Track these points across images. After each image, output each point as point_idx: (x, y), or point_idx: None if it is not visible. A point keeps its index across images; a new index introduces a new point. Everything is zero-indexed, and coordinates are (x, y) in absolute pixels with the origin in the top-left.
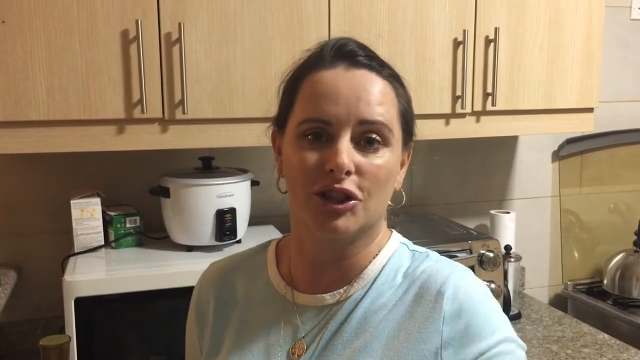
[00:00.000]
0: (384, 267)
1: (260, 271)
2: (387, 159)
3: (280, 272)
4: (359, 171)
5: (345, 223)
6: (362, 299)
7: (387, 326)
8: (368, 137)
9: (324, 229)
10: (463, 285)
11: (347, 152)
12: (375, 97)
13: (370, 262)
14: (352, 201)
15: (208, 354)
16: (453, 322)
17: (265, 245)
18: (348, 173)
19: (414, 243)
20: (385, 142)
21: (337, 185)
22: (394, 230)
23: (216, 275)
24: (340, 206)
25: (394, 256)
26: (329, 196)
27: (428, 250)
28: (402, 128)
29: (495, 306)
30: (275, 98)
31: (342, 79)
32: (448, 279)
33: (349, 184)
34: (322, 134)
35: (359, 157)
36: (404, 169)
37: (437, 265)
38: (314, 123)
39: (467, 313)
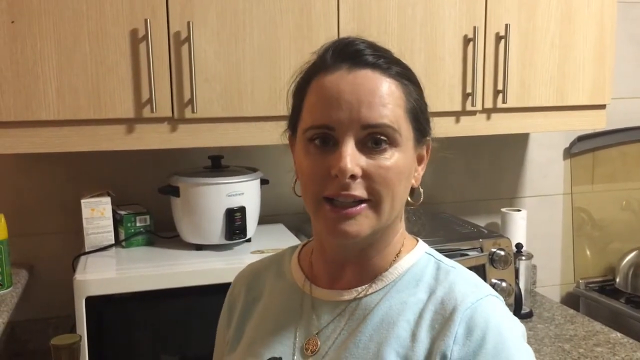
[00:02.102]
0: (405, 272)
1: (286, 268)
2: (396, 160)
3: (302, 267)
4: (366, 174)
5: (357, 227)
6: (380, 301)
7: (402, 335)
8: (375, 138)
9: (336, 234)
10: (485, 311)
11: (351, 157)
12: (378, 98)
13: (390, 264)
14: (361, 205)
15: (230, 346)
16: (463, 343)
17: (296, 246)
18: (354, 177)
19: (425, 241)
20: (393, 143)
21: (344, 192)
22: (420, 239)
23: (249, 273)
24: (348, 211)
25: (417, 265)
26: (338, 202)
27: (455, 263)
28: (413, 126)
29: (518, 344)
30: (284, 97)
31: (344, 82)
32: (467, 299)
33: (357, 188)
34: (329, 139)
35: (365, 160)
36: (423, 165)
37: (462, 283)
38: (319, 129)
39: (478, 339)
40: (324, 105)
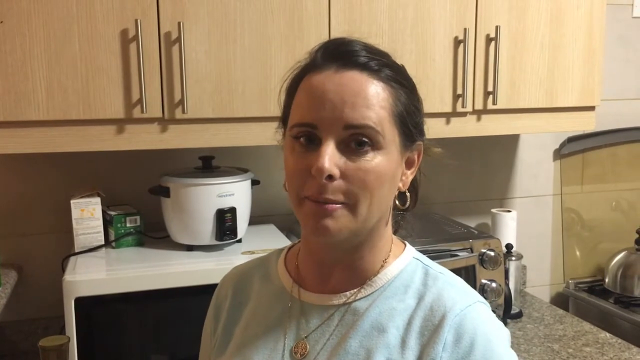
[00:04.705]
0: (394, 278)
1: (273, 271)
2: (378, 163)
3: (288, 270)
4: (345, 176)
5: (335, 224)
6: (369, 307)
7: (392, 341)
8: (357, 139)
9: (315, 231)
10: (474, 317)
11: (329, 156)
12: (362, 99)
13: (379, 270)
14: (340, 204)
15: (218, 349)
16: (452, 350)
17: (282, 249)
18: (332, 178)
19: (416, 242)
20: (375, 145)
21: (321, 196)
22: (407, 243)
23: (236, 275)
24: (327, 206)
25: (406, 270)
26: (317, 200)
27: (443, 269)
28: (399, 130)
29: (505, 351)
30: (276, 98)
31: (329, 82)
32: (456, 306)
33: (333, 192)
34: (314, 138)
35: (345, 162)
36: (413, 170)
37: (450, 289)
38: (303, 127)
39: (467, 345)
40: (309, 104)
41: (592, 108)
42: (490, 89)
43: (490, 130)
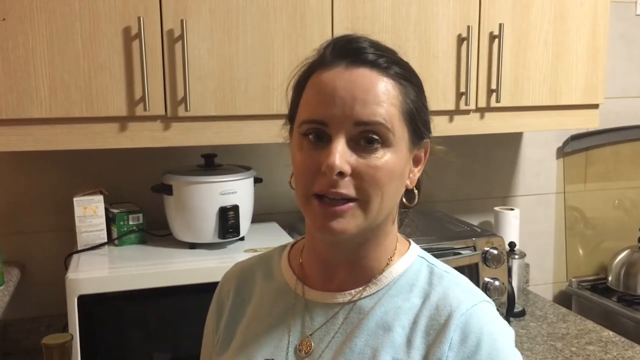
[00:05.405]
0: (399, 277)
1: (276, 268)
2: (387, 160)
3: (292, 267)
4: (355, 173)
5: (343, 225)
6: (374, 306)
7: (397, 340)
8: (367, 136)
9: (323, 231)
10: (479, 317)
11: (340, 154)
12: (373, 96)
13: (384, 268)
14: (349, 204)
15: (220, 347)
16: (458, 349)
17: (285, 246)
18: (342, 175)
19: (419, 240)
20: (385, 142)
21: (332, 189)
22: (412, 241)
23: (238, 271)
24: (336, 208)
25: (411, 269)
26: (327, 199)
27: (448, 267)
28: (408, 127)
29: (510, 351)
30: (278, 95)
31: (339, 79)
32: (462, 305)
33: (345, 186)
34: (323, 135)
35: (355, 159)
36: (420, 167)
37: (456, 288)
38: (312, 124)
39: (473, 345)
40: (319, 101)
41: (595, 106)
42: (493, 86)
43: (493, 128)
